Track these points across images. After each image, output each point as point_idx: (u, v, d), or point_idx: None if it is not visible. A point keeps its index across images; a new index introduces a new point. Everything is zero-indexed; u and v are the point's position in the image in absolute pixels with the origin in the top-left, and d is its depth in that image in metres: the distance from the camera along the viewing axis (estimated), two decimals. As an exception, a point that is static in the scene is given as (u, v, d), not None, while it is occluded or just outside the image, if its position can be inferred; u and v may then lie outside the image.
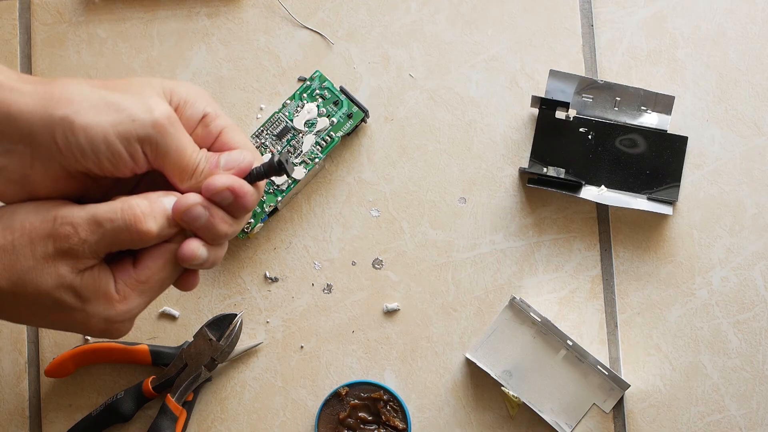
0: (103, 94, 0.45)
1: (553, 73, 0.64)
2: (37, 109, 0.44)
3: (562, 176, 0.64)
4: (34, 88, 0.45)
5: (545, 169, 0.64)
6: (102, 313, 0.46)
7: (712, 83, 0.66)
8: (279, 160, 0.48)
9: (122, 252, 0.48)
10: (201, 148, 0.49)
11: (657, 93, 0.64)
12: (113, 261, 0.48)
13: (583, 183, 0.64)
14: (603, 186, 0.64)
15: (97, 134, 0.45)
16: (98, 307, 0.46)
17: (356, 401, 0.63)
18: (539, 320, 0.63)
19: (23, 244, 0.44)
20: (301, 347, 0.65)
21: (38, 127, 0.44)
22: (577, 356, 0.63)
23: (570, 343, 0.63)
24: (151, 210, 0.46)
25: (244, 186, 0.47)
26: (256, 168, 0.49)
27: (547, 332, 0.63)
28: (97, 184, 0.49)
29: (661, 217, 0.65)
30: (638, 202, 0.63)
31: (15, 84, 0.45)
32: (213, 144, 0.50)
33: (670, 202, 0.63)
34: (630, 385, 0.62)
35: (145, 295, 0.48)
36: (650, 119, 0.64)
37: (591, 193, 0.64)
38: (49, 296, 0.45)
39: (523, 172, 0.65)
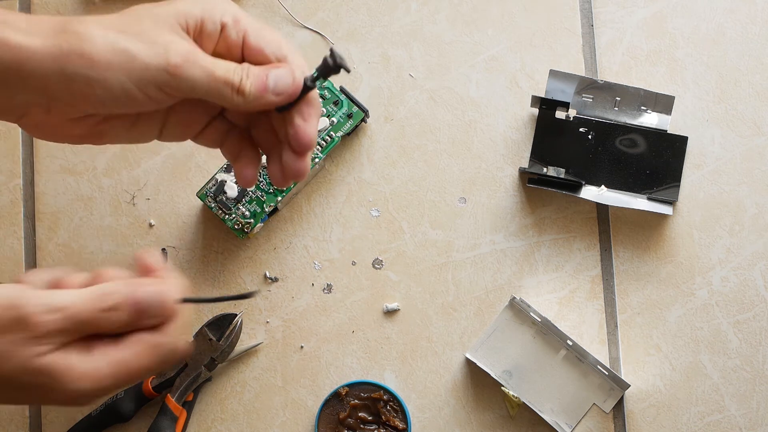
0: (114, 39, 0.45)
1: (553, 73, 0.64)
2: (51, 65, 0.44)
3: (562, 176, 0.64)
4: (45, 41, 0.44)
5: (545, 169, 0.64)
6: (72, 389, 0.44)
7: (712, 83, 0.66)
8: (334, 60, 0.47)
9: None
10: (233, 59, 0.49)
11: (657, 93, 0.64)
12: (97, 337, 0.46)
13: (583, 183, 0.64)
14: (603, 186, 0.64)
15: (114, 86, 0.45)
16: (69, 383, 0.44)
17: (356, 401, 0.63)
18: (539, 320, 0.63)
19: None
20: (301, 347, 0.65)
21: (54, 82, 0.44)
22: (577, 356, 0.63)
23: (570, 343, 0.63)
24: (122, 304, 0.45)
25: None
26: (309, 77, 0.48)
27: (547, 332, 0.63)
28: (121, 122, 0.49)
29: (661, 217, 0.65)
30: (638, 202, 0.63)
31: (24, 40, 0.44)
32: (243, 52, 0.49)
33: (670, 202, 0.63)
34: (630, 385, 0.62)
35: (119, 377, 0.45)
36: (650, 119, 0.64)
37: (591, 193, 0.64)
38: (11, 380, 0.43)
39: (523, 172, 0.65)
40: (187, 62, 0.46)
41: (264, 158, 0.55)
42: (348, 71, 0.48)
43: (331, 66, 0.48)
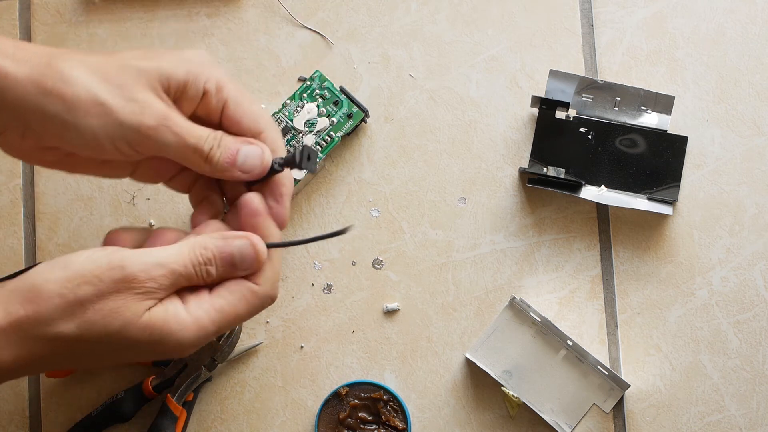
0: (95, 90, 0.45)
1: (553, 73, 0.64)
2: (32, 98, 0.45)
3: (562, 176, 0.64)
4: (30, 74, 0.45)
5: (545, 169, 0.64)
6: (173, 338, 0.47)
7: (712, 83, 0.66)
8: (301, 158, 0.48)
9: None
10: (210, 125, 0.49)
11: (657, 93, 0.64)
12: (187, 290, 0.49)
13: (583, 183, 0.64)
14: (603, 186, 0.64)
15: (87, 134, 0.46)
16: (169, 333, 0.46)
17: (356, 401, 0.63)
18: (539, 320, 0.63)
19: (87, 293, 0.44)
20: (301, 347, 0.65)
21: (33, 116, 0.45)
22: (577, 356, 0.63)
23: (570, 343, 0.63)
24: (218, 258, 0.48)
25: (260, 243, 0.49)
26: (277, 160, 0.49)
27: (547, 332, 0.63)
28: (92, 159, 0.50)
29: (661, 217, 0.65)
30: (638, 202, 0.63)
31: (9, 67, 0.45)
32: (221, 120, 0.50)
33: (670, 202, 0.63)
34: (630, 385, 0.62)
35: (216, 325, 0.48)
36: (650, 119, 0.64)
37: (591, 193, 0.64)
38: (119, 335, 0.45)
39: (523, 172, 0.65)
40: (160, 126, 0.46)
41: None
42: (312, 172, 0.49)
43: (297, 163, 0.49)
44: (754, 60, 0.66)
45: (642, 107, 0.64)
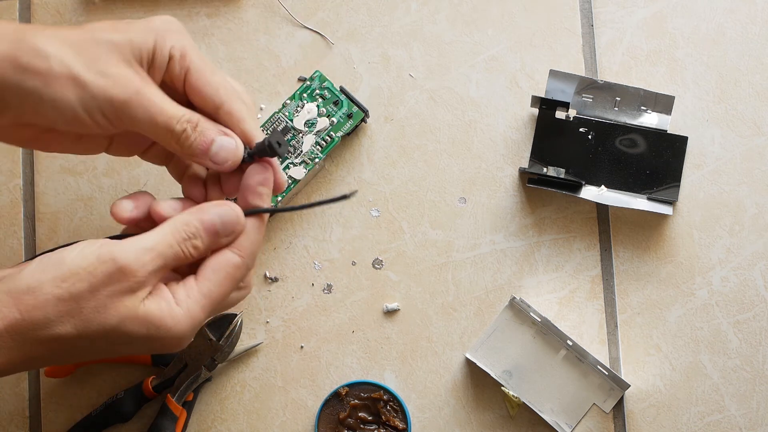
0: (69, 63, 0.45)
1: (553, 73, 0.64)
2: (7, 75, 0.45)
3: (562, 176, 0.64)
4: (5, 50, 0.45)
5: (545, 169, 0.64)
6: (169, 332, 0.47)
7: (712, 83, 0.66)
8: (269, 143, 0.48)
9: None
10: (179, 93, 0.49)
11: (657, 93, 0.64)
12: (173, 278, 0.49)
13: (583, 183, 0.64)
14: (603, 186, 0.64)
15: (65, 108, 0.46)
16: (164, 328, 0.47)
17: (356, 401, 0.63)
18: (539, 320, 0.63)
19: (82, 290, 0.44)
20: (301, 347, 0.65)
21: (9, 92, 0.45)
22: (577, 356, 0.63)
23: (570, 343, 0.63)
24: (200, 229, 0.48)
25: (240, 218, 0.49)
26: (247, 152, 0.49)
27: (547, 332, 0.63)
28: (67, 134, 0.50)
29: (661, 217, 0.65)
30: (638, 202, 0.63)
31: None
32: (185, 89, 0.49)
33: (670, 202, 0.63)
34: (630, 385, 0.62)
35: (206, 310, 0.48)
36: (650, 119, 0.64)
37: (591, 193, 0.64)
38: (117, 331, 0.45)
39: (523, 172, 0.65)
40: (131, 101, 0.46)
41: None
42: (281, 158, 0.49)
43: (268, 152, 0.49)
44: (754, 60, 0.66)
45: (642, 107, 0.64)
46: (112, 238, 0.48)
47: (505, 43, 0.67)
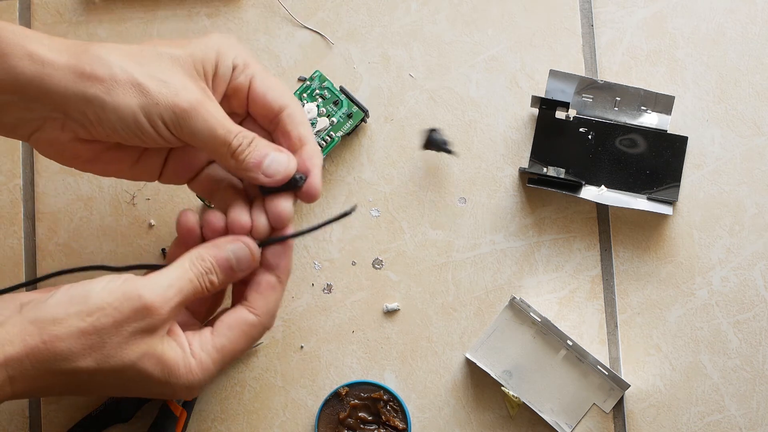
0: (131, 71, 0.47)
1: (553, 73, 0.64)
2: (70, 86, 0.46)
3: (562, 176, 0.64)
4: (68, 61, 0.46)
5: (545, 169, 0.64)
6: (179, 380, 0.48)
7: (712, 83, 0.66)
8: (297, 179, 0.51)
9: (201, 323, 0.53)
10: (239, 106, 0.51)
11: (657, 93, 0.64)
12: (191, 322, 0.51)
13: (583, 183, 0.64)
14: (603, 186, 0.64)
15: (127, 115, 0.46)
16: (177, 374, 0.48)
17: (356, 401, 0.63)
18: (539, 320, 0.63)
19: (106, 326, 0.45)
20: (301, 347, 0.65)
21: (72, 102, 0.46)
22: (577, 356, 0.63)
23: (570, 343, 0.63)
24: (215, 265, 0.49)
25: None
26: (298, 175, 0.51)
27: (547, 332, 0.63)
28: (126, 155, 0.51)
29: (661, 217, 0.65)
30: (638, 202, 0.63)
31: (48, 55, 0.46)
32: (248, 95, 0.51)
33: (670, 202, 0.63)
34: (630, 385, 0.62)
35: (218, 365, 0.50)
36: (650, 119, 0.64)
37: (591, 193, 0.64)
38: (134, 368, 0.46)
39: (523, 172, 0.65)
40: (193, 111, 0.47)
41: None
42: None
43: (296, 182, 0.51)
44: (754, 60, 0.66)
45: (642, 107, 0.64)
46: (115, 269, 0.51)
47: (505, 43, 0.67)
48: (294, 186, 0.51)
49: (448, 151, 0.63)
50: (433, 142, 0.63)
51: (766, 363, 0.63)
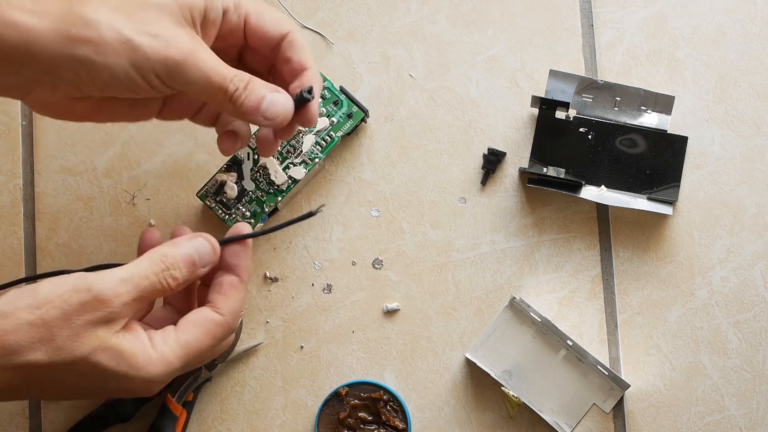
0: (119, 27, 0.46)
1: (553, 73, 0.64)
2: (58, 47, 0.45)
3: (562, 176, 0.64)
4: (53, 24, 0.45)
5: (545, 169, 0.64)
6: (139, 372, 0.47)
7: (712, 83, 0.66)
8: (308, 90, 0.51)
9: (162, 318, 0.52)
10: (236, 43, 0.51)
11: (657, 93, 0.64)
12: (151, 325, 0.50)
13: (583, 183, 0.64)
14: (603, 186, 0.64)
15: (118, 71, 0.46)
16: (135, 367, 0.47)
17: (356, 401, 0.63)
18: (539, 320, 0.63)
19: (55, 317, 0.44)
20: (301, 347, 0.65)
21: (61, 63, 0.45)
22: (577, 356, 0.63)
23: (570, 343, 0.63)
24: (178, 260, 0.49)
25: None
26: (306, 89, 0.50)
27: (547, 332, 0.63)
28: (121, 102, 0.51)
29: (661, 217, 0.65)
30: (638, 202, 0.63)
31: (31, 21, 0.45)
32: (245, 34, 0.51)
33: (670, 202, 0.63)
34: (630, 385, 0.62)
35: (182, 360, 0.49)
36: (650, 119, 0.64)
37: (591, 193, 0.64)
38: (87, 361, 0.45)
39: (523, 172, 0.65)
40: (185, 61, 0.47)
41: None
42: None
43: (304, 98, 0.51)
44: (754, 60, 0.66)
45: (642, 107, 0.64)
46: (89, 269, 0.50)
47: (505, 43, 0.67)
48: (302, 102, 0.50)
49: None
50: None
51: (766, 363, 0.63)
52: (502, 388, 0.62)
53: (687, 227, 0.64)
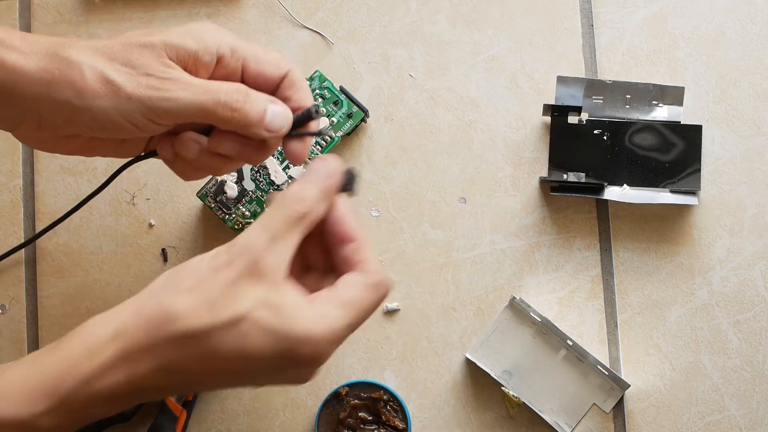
0: (101, 69, 0.45)
1: (561, 79, 0.64)
2: (41, 89, 0.45)
3: (583, 180, 0.64)
4: (37, 63, 0.45)
5: (565, 176, 0.64)
6: (306, 336, 0.42)
7: (712, 83, 0.66)
8: (314, 109, 0.49)
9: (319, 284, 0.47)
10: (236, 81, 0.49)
11: (666, 86, 0.63)
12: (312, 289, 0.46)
13: (605, 184, 0.63)
14: (625, 185, 0.64)
15: (99, 115, 0.46)
16: (302, 326, 0.42)
17: (356, 401, 0.63)
18: (539, 320, 0.63)
19: (206, 278, 0.43)
20: (301, 347, 0.65)
21: (44, 104, 0.46)
22: (577, 356, 0.63)
23: (570, 343, 0.63)
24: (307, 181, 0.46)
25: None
26: (313, 107, 0.49)
27: (547, 332, 0.63)
28: (109, 140, 0.50)
29: (661, 217, 0.65)
30: (662, 196, 0.63)
31: (17, 62, 0.45)
32: (243, 79, 0.49)
33: (694, 192, 0.63)
34: (630, 385, 0.62)
35: (347, 318, 0.44)
36: (662, 113, 0.64)
37: (614, 193, 0.63)
38: (248, 319, 0.42)
39: (543, 181, 0.65)
40: (170, 88, 0.46)
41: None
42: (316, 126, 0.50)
43: (308, 116, 0.49)
44: (754, 60, 0.66)
45: (653, 102, 0.64)
46: None
47: (505, 43, 0.67)
48: (309, 118, 0.50)
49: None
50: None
51: (766, 363, 0.63)
52: (502, 388, 0.62)
53: (687, 227, 0.64)
